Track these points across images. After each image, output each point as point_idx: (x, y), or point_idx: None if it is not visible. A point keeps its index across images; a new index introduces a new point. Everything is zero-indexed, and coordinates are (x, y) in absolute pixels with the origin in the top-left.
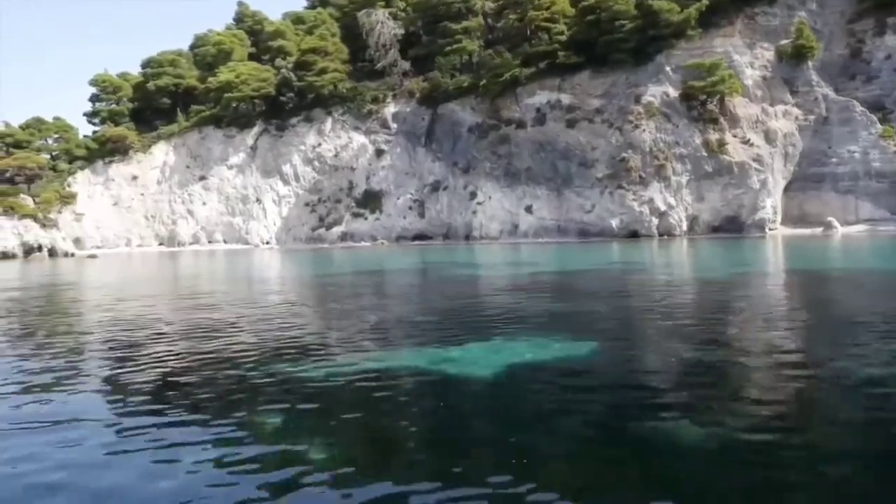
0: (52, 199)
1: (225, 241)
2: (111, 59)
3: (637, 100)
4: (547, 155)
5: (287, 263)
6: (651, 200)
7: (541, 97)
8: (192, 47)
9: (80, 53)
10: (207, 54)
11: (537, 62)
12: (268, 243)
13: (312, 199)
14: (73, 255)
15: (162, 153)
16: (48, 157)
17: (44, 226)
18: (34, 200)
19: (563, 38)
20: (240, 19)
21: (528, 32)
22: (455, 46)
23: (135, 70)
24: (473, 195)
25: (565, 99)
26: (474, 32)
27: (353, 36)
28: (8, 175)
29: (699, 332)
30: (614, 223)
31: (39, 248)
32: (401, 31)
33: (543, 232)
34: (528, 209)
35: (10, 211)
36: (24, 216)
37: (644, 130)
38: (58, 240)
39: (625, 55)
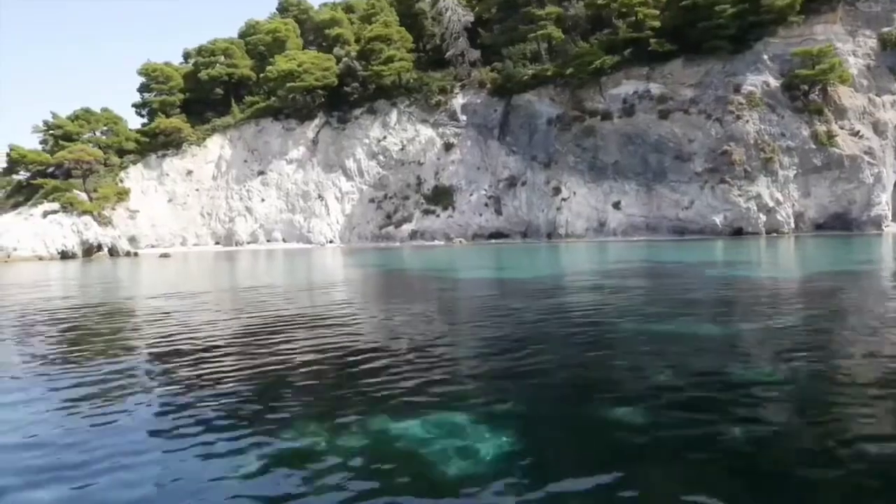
0: (111, 195)
1: (284, 240)
2: (145, 50)
3: (737, 89)
4: (636, 148)
5: (391, 267)
6: (758, 196)
7: (627, 87)
8: (242, 35)
9: (117, 45)
10: (260, 43)
11: (621, 50)
12: (331, 242)
13: (377, 195)
14: (135, 254)
15: (217, 146)
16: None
17: (101, 223)
18: (90, 196)
19: (656, 24)
20: (284, 9)
21: (614, 19)
22: (539, 33)
23: (175, 61)
24: (557, 191)
25: (655, 89)
26: (557, 19)
27: (410, 24)
28: (64, 168)
29: None
30: (718, 220)
31: (99, 248)
32: (470, 19)
33: (632, 230)
34: (616, 205)
35: (70, 207)
36: (84, 213)
37: (747, 121)
38: (118, 238)
39: (723, 42)
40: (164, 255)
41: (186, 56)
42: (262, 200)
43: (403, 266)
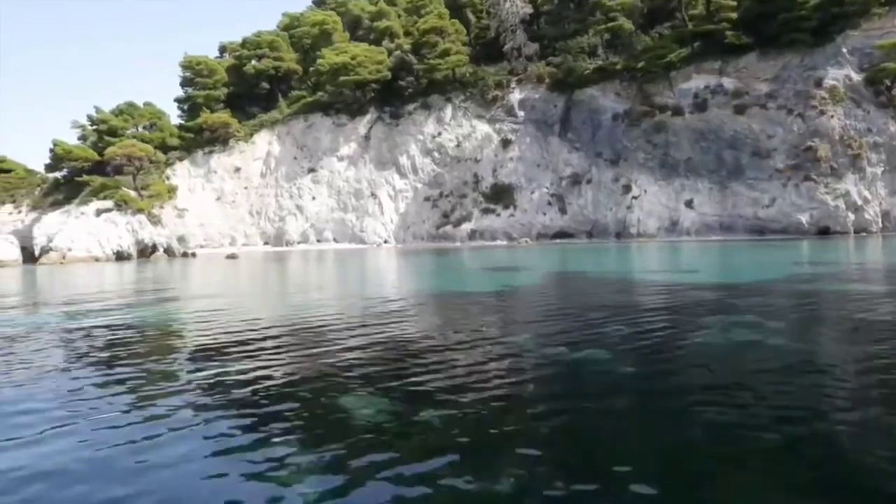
0: (163, 193)
1: (335, 240)
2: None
3: (818, 84)
4: (710, 144)
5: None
6: (847, 193)
7: (698, 81)
8: (285, 28)
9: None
10: (306, 35)
11: (690, 43)
12: (386, 242)
13: (433, 193)
14: (193, 254)
15: (265, 142)
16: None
17: (152, 222)
18: (139, 194)
19: (733, 16)
20: (321, 2)
21: (679, 11)
22: (610, 24)
23: (211, 55)
24: (627, 189)
25: (728, 83)
26: (627, 10)
27: (455, 16)
28: (113, 165)
29: None
30: (803, 219)
31: (154, 248)
32: (528, 11)
33: (705, 229)
34: (689, 204)
35: (124, 205)
36: (138, 211)
37: (832, 117)
38: (172, 238)
39: (803, 35)
40: (232, 257)
41: (223, 50)
42: (313, 199)
43: (543, 268)
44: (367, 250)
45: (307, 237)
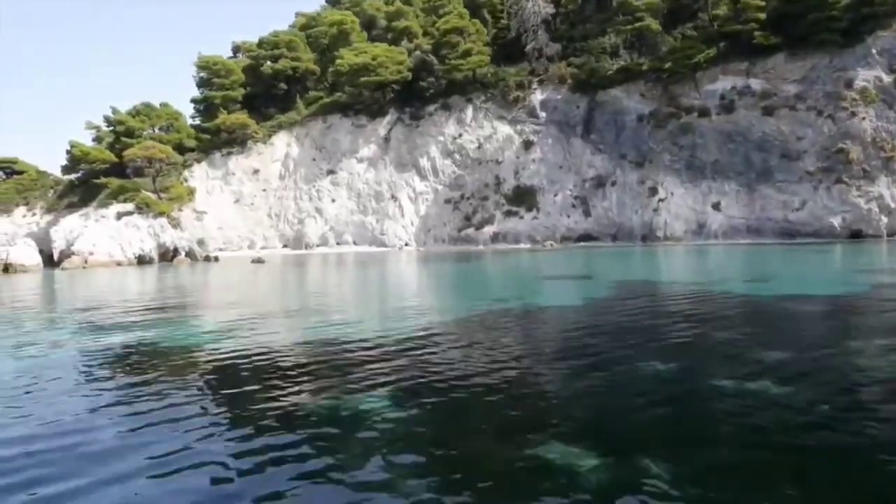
0: (184, 195)
1: (355, 243)
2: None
3: (848, 85)
4: (737, 146)
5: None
6: (880, 196)
7: (724, 82)
8: (302, 28)
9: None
10: (323, 35)
11: (716, 43)
12: (407, 245)
13: (454, 195)
14: (216, 258)
15: (283, 144)
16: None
17: (173, 225)
18: (159, 196)
19: (761, 16)
20: (335, 1)
21: (701, 12)
22: (637, 25)
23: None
24: (653, 191)
25: (756, 84)
26: (654, 10)
27: (473, 16)
28: (133, 167)
29: None
30: (836, 222)
31: (175, 252)
32: (550, 11)
33: (732, 232)
34: (716, 206)
35: (145, 208)
36: (160, 214)
37: (864, 118)
38: (193, 241)
39: (833, 35)
40: (258, 261)
41: (236, 49)
42: (333, 201)
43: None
44: (388, 253)
45: (326, 240)
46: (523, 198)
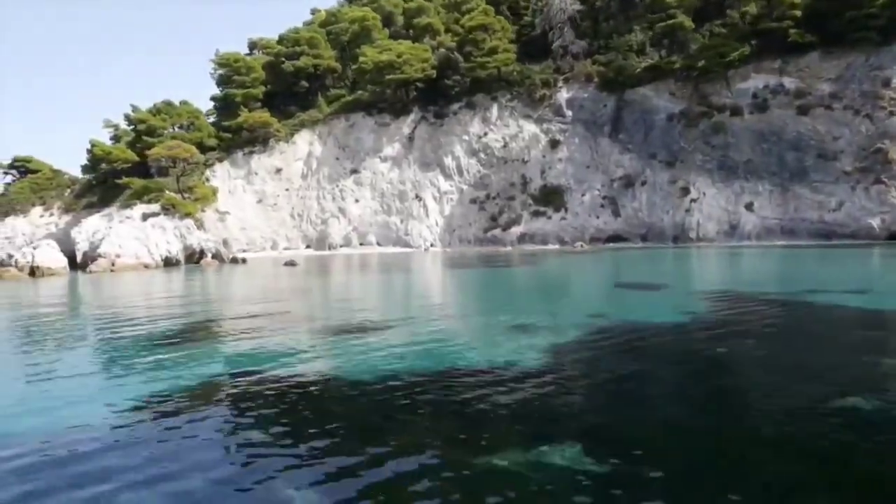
0: (209, 195)
1: (379, 244)
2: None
3: (885, 84)
4: (771, 146)
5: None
6: None
7: (757, 81)
8: (322, 24)
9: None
10: (343, 32)
11: (748, 40)
12: (432, 245)
13: (479, 195)
14: (243, 260)
15: (305, 143)
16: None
17: (198, 227)
18: (183, 196)
19: (797, 13)
20: None
21: (730, 9)
22: (671, 22)
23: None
24: (685, 191)
25: (789, 83)
26: (686, 7)
27: (496, 12)
28: (157, 166)
29: None
30: (875, 223)
31: (202, 254)
32: (577, 8)
33: (765, 233)
34: (749, 207)
35: (171, 209)
36: (186, 215)
37: None
38: (220, 243)
39: (870, 34)
40: (291, 263)
41: (252, 46)
42: (356, 201)
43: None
44: (414, 255)
45: (350, 240)
46: (550, 198)
